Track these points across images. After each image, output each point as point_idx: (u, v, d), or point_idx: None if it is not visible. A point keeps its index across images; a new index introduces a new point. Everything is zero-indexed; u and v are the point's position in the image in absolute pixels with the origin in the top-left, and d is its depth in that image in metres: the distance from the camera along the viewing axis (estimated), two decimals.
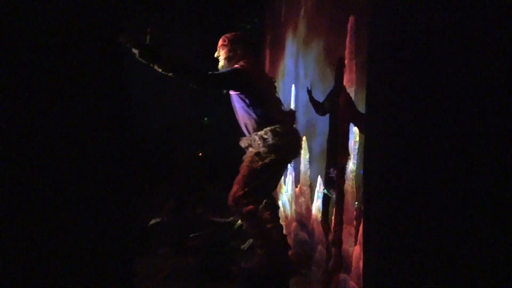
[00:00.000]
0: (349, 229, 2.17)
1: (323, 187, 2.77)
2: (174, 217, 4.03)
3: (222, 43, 2.80)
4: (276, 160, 2.64)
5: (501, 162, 1.07)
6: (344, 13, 2.34)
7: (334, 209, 2.44)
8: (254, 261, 2.87)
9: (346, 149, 2.25)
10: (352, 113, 2.21)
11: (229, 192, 2.71)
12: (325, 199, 2.69)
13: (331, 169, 2.56)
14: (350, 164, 2.21)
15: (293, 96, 3.69)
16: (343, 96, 2.34)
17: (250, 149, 2.72)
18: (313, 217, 2.95)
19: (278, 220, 2.93)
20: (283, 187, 4.05)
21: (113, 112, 1.58)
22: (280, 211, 3.06)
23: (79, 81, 1.49)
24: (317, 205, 2.87)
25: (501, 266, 1.07)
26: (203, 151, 5.72)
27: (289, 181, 3.83)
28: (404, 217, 1.42)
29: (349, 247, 2.15)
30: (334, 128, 2.57)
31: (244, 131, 2.79)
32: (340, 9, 2.44)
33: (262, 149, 2.63)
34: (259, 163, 2.63)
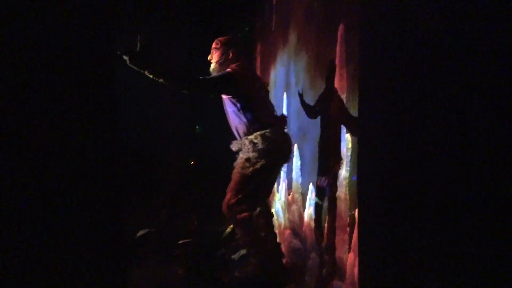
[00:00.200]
0: (342, 236, 2.17)
1: (314, 194, 2.77)
2: (164, 227, 4.00)
3: (215, 46, 2.81)
4: (266, 165, 2.64)
5: (498, 168, 1.08)
6: (334, 21, 2.35)
7: (326, 216, 2.44)
8: (248, 269, 2.85)
9: (338, 155, 2.26)
10: (343, 115, 2.22)
11: (222, 200, 2.71)
12: (317, 207, 2.69)
13: (321, 178, 2.57)
14: (343, 171, 2.21)
15: (285, 104, 3.70)
16: (334, 98, 2.35)
17: (240, 154, 2.72)
18: (305, 224, 2.94)
19: (272, 228, 2.93)
20: (277, 194, 4.04)
21: (105, 117, 1.57)
22: (274, 219, 3.05)
23: (69, 91, 1.48)
24: (309, 212, 2.87)
25: (499, 271, 1.07)
26: (195, 160, 5.70)
27: (282, 188, 3.83)
28: (399, 223, 1.42)
29: (343, 254, 2.15)
30: (325, 131, 2.58)
31: (235, 134, 2.80)
32: (330, 17, 2.46)
33: (252, 154, 2.63)
34: (250, 169, 2.64)
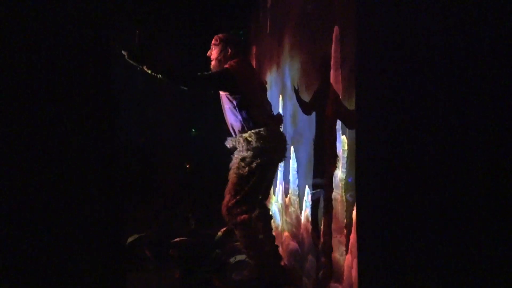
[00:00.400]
0: (339, 238, 2.17)
1: (310, 196, 2.77)
2: (161, 230, 3.99)
3: (214, 42, 2.83)
4: (262, 163, 2.65)
5: (497, 169, 1.09)
6: (328, 23, 2.36)
7: (322, 218, 2.44)
8: (246, 272, 2.85)
9: (333, 156, 2.26)
10: (338, 109, 2.22)
11: (220, 203, 2.72)
12: (314, 208, 2.69)
13: (317, 179, 2.58)
14: (339, 172, 2.21)
15: (280, 106, 3.70)
16: (329, 94, 2.35)
17: (235, 154, 2.73)
18: (302, 226, 2.94)
19: (270, 230, 2.93)
20: (273, 197, 4.04)
21: (103, 119, 1.56)
22: (272, 222, 3.06)
23: (67, 93, 1.47)
24: (306, 214, 2.87)
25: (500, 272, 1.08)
26: (190, 164, 5.69)
27: (279, 191, 3.82)
28: (397, 225, 1.43)
29: (339, 256, 2.15)
30: (320, 132, 2.58)
31: (231, 131, 2.81)
32: (325, 19, 2.46)
33: (247, 153, 2.64)
34: (246, 169, 2.65)
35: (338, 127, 2.24)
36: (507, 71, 1.08)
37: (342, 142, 2.20)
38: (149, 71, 2.44)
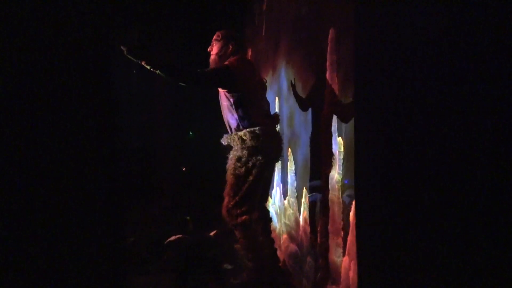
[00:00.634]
0: (336, 240, 2.17)
1: (308, 198, 2.77)
2: (154, 234, 3.98)
3: (216, 38, 2.83)
4: (257, 163, 2.66)
5: (497, 170, 1.10)
6: (324, 26, 2.37)
7: (319, 220, 2.44)
8: (244, 275, 2.85)
9: (329, 158, 2.26)
10: (334, 102, 2.23)
11: (218, 205, 2.73)
12: (311, 210, 2.69)
13: (313, 181, 2.59)
14: (335, 174, 2.21)
15: (277, 108, 3.71)
16: (325, 95, 2.36)
17: (230, 154, 2.73)
18: (301, 228, 2.94)
19: (270, 233, 2.93)
20: (270, 199, 4.04)
21: (103, 121, 1.56)
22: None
23: (68, 94, 1.47)
24: (304, 216, 2.87)
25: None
26: (186, 167, 5.69)
27: (276, 193, 3.83)
28: (398, 226, 1.43)
29: (337, 258, 2.15)
30: (316, 129, 2.59)
31: (227, 129, 2.82)
32: (320, 22, 2.47)
33: (242, 153, 2.65)
34: (242, 169, 2.66)
35: (334, 128, 2.24)
36: (507, 71, 1.09)
37: (338, 143, 2.20)
38: (148, 67, 2.44)
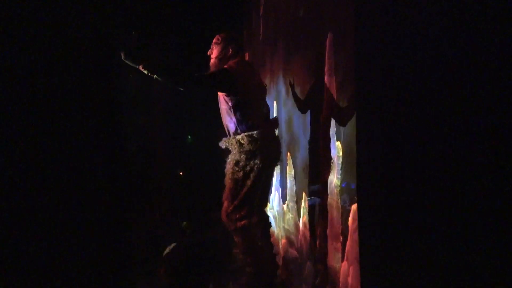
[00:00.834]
0: (335, 244, 2.16)
1: (307, 203, 2.76)
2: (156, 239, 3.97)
3: (216, 41, 2.81)
4: (256, 167, 2.65)
5: (498, 171, 1.09)
6: (322, 29, 2.36)
7: (318, 224, 2.43)
8: (243, 279, 2.83)
9: (328, 162, 2.25)
10: (332, 106, 2.22)
11: (217, 209, 2.72)
12: (310, 215, 2.68)
13: (312, 185, 2.58)
14: (334, 178, 2.20)
15: (275, 113, 3.70)
16: (323, 99, 2.36)
17: (228, 158, 2.73)
18: (301, 233, 2.93)
19: (269, 238, 2.92)
20: (268, 204, 4.02)
21: (106, 121, 1.56)
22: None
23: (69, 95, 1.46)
24: (303, 221, 2.86)
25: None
26: (183, 171, 5.68)
27: (274, 197, 3.81)
28: (399, 229, 1.42)
29: (336, 263, 2.13)
30: (314, 133, 2.58)
31: (226, 132, 2.81)
32: (318, 25, 2.47)
33: (240, 157, 2.64)
34: (240, 173, 2.65)
35: (332, 133, 2.24)
36: (507, 71, 1.09)
37: (337, 148, 2.19)
38: (146, 72, 2.43)
